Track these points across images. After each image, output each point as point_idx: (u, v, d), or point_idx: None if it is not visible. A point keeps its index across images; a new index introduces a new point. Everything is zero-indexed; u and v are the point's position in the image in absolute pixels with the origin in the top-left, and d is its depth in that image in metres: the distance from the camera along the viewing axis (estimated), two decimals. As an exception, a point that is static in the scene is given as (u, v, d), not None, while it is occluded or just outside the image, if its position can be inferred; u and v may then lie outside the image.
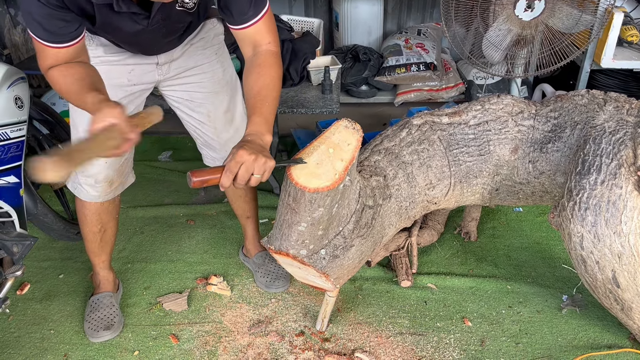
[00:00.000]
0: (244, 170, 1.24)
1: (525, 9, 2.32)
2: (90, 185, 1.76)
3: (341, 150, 1.44)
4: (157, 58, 1.66)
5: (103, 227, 1.90)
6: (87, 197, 1.80)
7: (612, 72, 3.01)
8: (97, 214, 1.86)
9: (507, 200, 1.90)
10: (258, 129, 1.34)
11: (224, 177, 1.24)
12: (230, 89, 1.83)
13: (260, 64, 1.44)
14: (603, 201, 1.56)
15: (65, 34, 1.34)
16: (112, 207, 1.89)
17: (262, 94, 1.40)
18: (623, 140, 1.61)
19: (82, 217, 1.88)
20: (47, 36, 1.33)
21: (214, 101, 1.79)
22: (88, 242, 1.94)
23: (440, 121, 1.84)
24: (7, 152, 1.82)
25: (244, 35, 1.47)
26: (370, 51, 3.43)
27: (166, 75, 1.72)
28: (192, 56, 1.72)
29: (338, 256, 1.58)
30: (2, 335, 1.93)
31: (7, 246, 1.84)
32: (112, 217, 1.91)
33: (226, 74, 1.81)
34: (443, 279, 2.14)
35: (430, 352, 1.84)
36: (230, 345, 1.88)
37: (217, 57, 1.78)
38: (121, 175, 1.80)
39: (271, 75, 1.43)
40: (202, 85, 1.76)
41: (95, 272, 2.04)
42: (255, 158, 1.24)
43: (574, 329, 1.92)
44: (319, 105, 2.41)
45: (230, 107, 1.84)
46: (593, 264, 1.62)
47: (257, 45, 1.47)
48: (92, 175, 1.73)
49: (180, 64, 1.72)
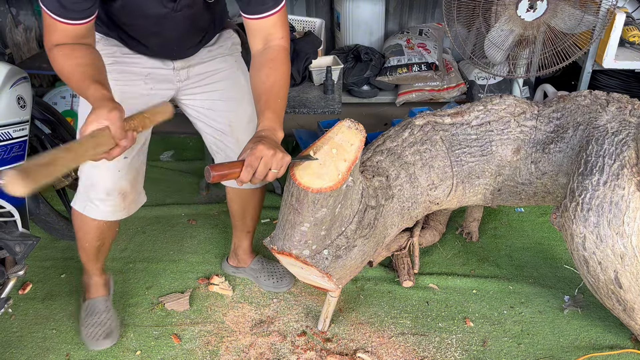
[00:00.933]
0: (263, 165, 1.24)
1: (528, 9, 2.32)
2: (101, 200, 1.62)
3: (344, 151, 1.44)
4: (174, 63, 1.60)
5: (103, 241, 1.80)
6: (99, 215, 1.65)
7: (614, 73, 3.01)
8: (99, 232, 1.73)
9: (509, 200, 1.90)
10: (271, 125, 1.34)
11: (244, 171, 1.23)
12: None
13: (273, 59, 1.42)
14: (605, 202, 1.56)
15: (78, 11, 1.29)
16: (115, 223, 1.75)
17: (275, 89, 1.39)
18: (626, 141, 1.61)
19: (81, 234, 1.75)
20: (60, 10, 1.28)
21: (237, 109, 1.71)
22: (84, 252, 1.84)
23: (443, 121, 1.84)
24: (9, 152, 1.82)
25: (259, 27, 1.42)
26: (371, 51, 3.43)
27: (185, 82, 1.65)
28: (211, 62, 1.66)
29: (341, 256, 1.58)
30: (5, 335, 1.93)
31: (9, 246, 1.84)
32: (113, 231, 1.80)
33: (248, 82, 1.69)
34: (445, 279, 2.14)
35: (432, 353, 1.84)
36: (232, 345, 1.88)
37: (237, 65, 1.72)
38: (134, 189, 1.67)
39: (283, 71, 1.42)
40: (224, 92, 1.69)
41: (88, 275, 1.94)
42: (274, 153, 1.24)
43: (576, 329, 1.92)
44: (321, 106, 2.41)
45: (253, 118, 1.70)
46: (595, 264, 1.62)
47: (270, 39, 1.44)
48: (102, 188, 1.60)
49: (199, 70, 1.65)
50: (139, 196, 1.72)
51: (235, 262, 2.17)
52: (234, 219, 2.06)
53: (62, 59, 1.32)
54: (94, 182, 1.60)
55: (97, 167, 1.54)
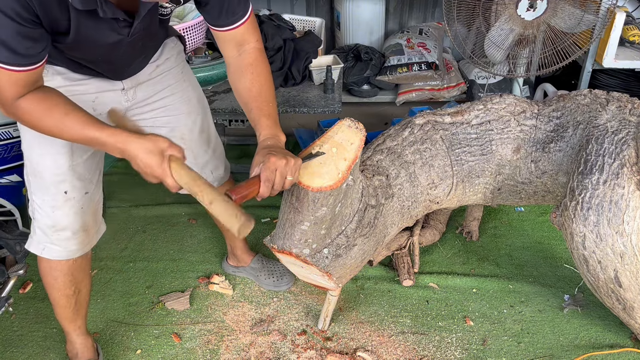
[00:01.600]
0: (279, 176, 1.24)
1: (528, 8, 2.32)
2: (66, 239, 1.53)
3: (344, 150, 1.44)
4: (123, 83, 1.51)
5: (77, 287, 1.66)
6: (62, 255, 1.56)
7: (613, 72, 3.01)
8: (69, 274, 1.61)
9: (509, 200, 1.90)
10: (272, 132, 1.33)
11: (264, 187, 1.24)
12: (202, 108, 1.71)
13: (251, 64, 1.39)
14: (605, 201, 1.56)
15: (33, 55, 1.16)
16: (85, 263, 1.65)
17: (263, 95, 1.38)
18: (626, 140, 1.61)
19: (51, 281, 1.62)
20: (13, 59, 1.13)
21: (187, 122, 1.66)
22: (60, 308, 1.68)
23: (443, 121, 1.84)
24: (10, 151, 1.82)
25: (230, 37, 1.39)
26: (371, 50, 3.43)
27: (133, 101, 1.56)
28: (158, 78, 1.59)
29: (341, 255, 1.58)
30: (5, 334, 1.93)
31: (10, 245, 1.85)
32: (85, 274, 1.68)
33: (195, 91, 1.69)
34: (445, 278, 2.15)
35: (432, 352, 1.84)
36: (232, 344, 1.89)
37: (183, 76, 1.66)
38: (96, 221, 1.61)
39: (265, 74, 1.41)
40: (174, 107, 1.63)
41: (71, 340, 1.76)
42: (287, 162, 1.24)
43: (576, 328, 1.92)
44: (321, 105, 2.41)
45: (204, 127, 1.71)
46: (595, 263, 1.62)
47: (244, 45, 1.41)
48: (66, 227, 1.51)
49: (147, 88, 1.57)
50: (100, 226, 1.65)
51: (235, 261, 2.17)
52: (218, 222, 2.02)
53: (42, 111, 1.20)
54: (57, 223, 1.50)
55: (59, 208, 1.48)
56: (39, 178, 1.46)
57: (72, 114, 1.22)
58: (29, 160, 1.47)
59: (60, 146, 1.43)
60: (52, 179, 1.45)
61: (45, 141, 1.40)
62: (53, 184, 1.46)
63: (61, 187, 1.46)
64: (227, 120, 2.49)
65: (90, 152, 1.50)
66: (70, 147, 1.44)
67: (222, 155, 1.85)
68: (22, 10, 1.08)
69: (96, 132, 1.21)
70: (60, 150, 1.43)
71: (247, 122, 2.49)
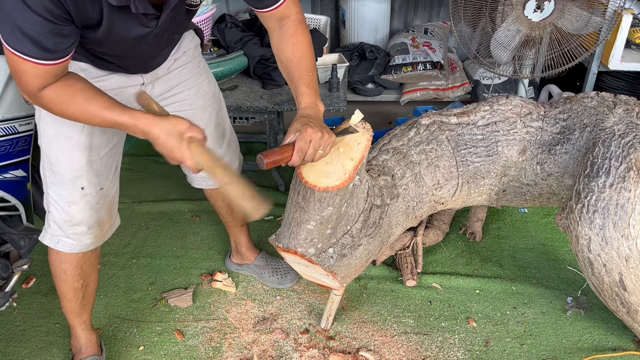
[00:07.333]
0: (312, 148, 1.27)
1: (535, 9, 2.32)
2: (81, 234, 1.55)
3: (351, 150, 1.44)
4: (143, 78, 1.52)
5: (85, 281, 1.67)
6: (76, 249, 1.57)
7: (619, 74, 3.00)
8: (79, 267, 1.62)
9: (514, 201, 1.90)
10: (312, 100, 1.36)
11: (296, 156, 1.27)
12: (217, 102, 1.73)
13: (292, 34, 1.41)
14: (611, 204, 1.56)
15: (62, 50, 1.17)
16: (94, 257, 1.67)
17: (304, 64, 1.40)
18: (632, 143, 1.60)
19: (60, 274, 1.63)
20: (42, 54, 1.14)
21: (203, 116, 1.68)
22: (67, 302, 1.70)
23: (449, 121, 1.84)
24: (15, 146, 1.82)
25: (272, 15, 1.42)
26: (376, 49, 3.42)
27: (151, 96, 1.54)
28: (175, 72, 1.60)
29: (346, 255, 1.58)
30: (8, 329, 1.93)
31: (14, 240, 1.85)
32: (94, 268, 1.69)
33: (211, 86, 1.71)
34: (448, 278, 2.14)
35: (435, 352, 1.84)
36: (235, 341, 1.89)
37: (199, 70, 1.67)
38: (111, 215, 1.63)
39: (306, 44, 1.42)
40: (189, 102, 1.65)
41: (76, 335, 1.77)
42: (322, 135, 1.27)
43: (579, 330, 1.92)
44: (326, 103, 2.41)
45: (220, 121, 1.74)
46: (600, 266, 1.62)
47: (284, 18, 1.43)
48: (81, 222, 1.53)
49: (165, 82, 1.59)
50: (115, 220, 1.67)
51: (239, 259, 2.16)
52: (222, 216, 2.03)
53: (65, 97, 1.23)
54: (72, 218, 1.52)
55: (75, 203, 1.49)
56: (57, 173, 1.47)
57: (94, 98, 1.24)
58: (47, 155, 1.47)
59: (79, 142, 1.44)
60: (70, 175, 1.46)
61: (64, 137, 1.43)
62: (70, 180, 1.47)
63: (78, 183, 1.48)
64: (231, 117, 2.48)
65: (108, 148, 1.52)
66: (89, 144, 1.46)
67: (237, 149, 1.87)
68: (54, 7, 1.09)
69: (119, 116, 1.24)
70: (78, 147, 1.45)
71: (251, 120, 2.49)
